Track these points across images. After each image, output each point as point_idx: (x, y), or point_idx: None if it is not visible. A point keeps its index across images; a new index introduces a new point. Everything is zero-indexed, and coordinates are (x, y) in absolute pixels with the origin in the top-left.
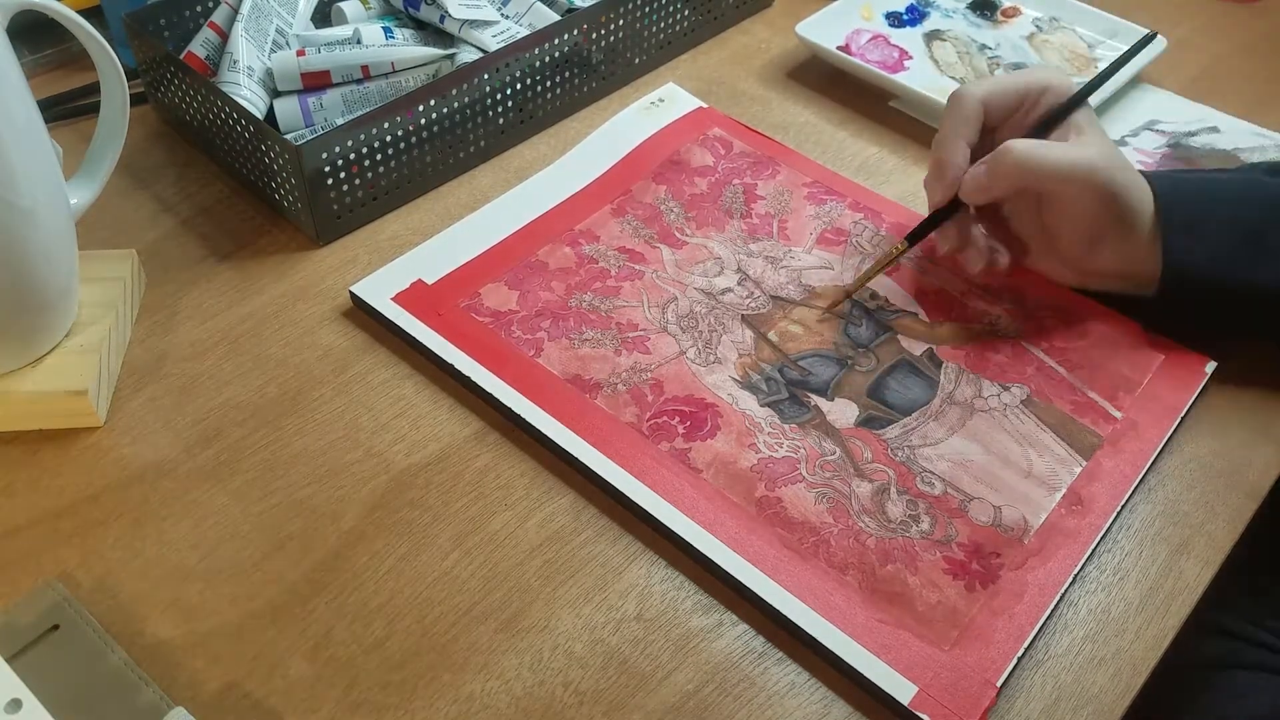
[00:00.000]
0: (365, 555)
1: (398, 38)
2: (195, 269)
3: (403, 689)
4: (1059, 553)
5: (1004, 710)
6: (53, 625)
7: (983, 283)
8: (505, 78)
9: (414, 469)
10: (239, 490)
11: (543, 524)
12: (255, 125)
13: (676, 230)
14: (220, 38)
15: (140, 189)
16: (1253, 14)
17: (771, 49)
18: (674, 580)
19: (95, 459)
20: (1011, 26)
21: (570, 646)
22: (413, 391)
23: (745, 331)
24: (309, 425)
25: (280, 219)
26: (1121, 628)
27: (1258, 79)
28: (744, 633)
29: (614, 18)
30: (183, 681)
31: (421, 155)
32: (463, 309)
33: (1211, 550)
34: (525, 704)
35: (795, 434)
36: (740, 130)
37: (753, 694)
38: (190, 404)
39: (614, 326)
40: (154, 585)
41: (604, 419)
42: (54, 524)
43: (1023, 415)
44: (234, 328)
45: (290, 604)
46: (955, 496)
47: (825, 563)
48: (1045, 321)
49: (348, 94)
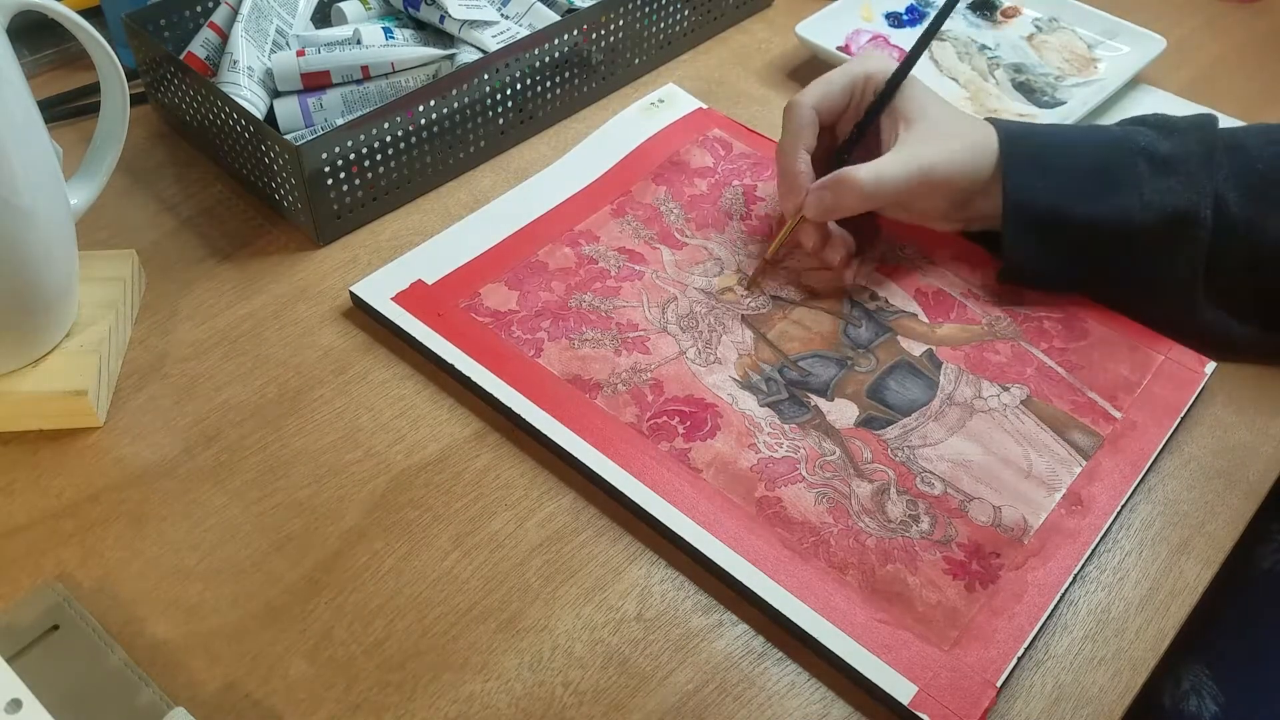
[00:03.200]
0: (365, 555)
1: (398, 38)
2: (195, 269)
3: (403, 689)
4: (1059, 553)
5: (1004, 710)
6: (53, 625)
7: (982, 283)
8: (505, 78)
9: (414, 469)
10: (239, 490)
11: (543, 524)
12: (255, 125)
13: (676, 231)
14: (220, 38)
15: (140, 189)
16: (1253, 14)
17: (771, 49)
18: (674, 580)
19: (95, 459)
20: (1011, 27)
21: (570, 646)
22: (413, 391)
23: (745, 331)
24: (309, 425)
25: (280, 219)
26: (1121, 628)
27: (1258, 79)
28: (744, 633)
29: (614, 18)
30: (182, 681)
31: (421, 155)
32: (463, 309)
33: (1211, 550)
34: (525, 704)
35: (795, 434)
36: (740, 131)
37: (753, 694)
38: (190, 404)
39: (614, 327)
40: (154, 585)
41: (604, 419)
42: (54, 524)
43: (1022, 415)
44: (234, 328)
45: (290, 604)
46: (955, 496)
47: (825, 563)
48: (1045, 322)
49: (348, 94)
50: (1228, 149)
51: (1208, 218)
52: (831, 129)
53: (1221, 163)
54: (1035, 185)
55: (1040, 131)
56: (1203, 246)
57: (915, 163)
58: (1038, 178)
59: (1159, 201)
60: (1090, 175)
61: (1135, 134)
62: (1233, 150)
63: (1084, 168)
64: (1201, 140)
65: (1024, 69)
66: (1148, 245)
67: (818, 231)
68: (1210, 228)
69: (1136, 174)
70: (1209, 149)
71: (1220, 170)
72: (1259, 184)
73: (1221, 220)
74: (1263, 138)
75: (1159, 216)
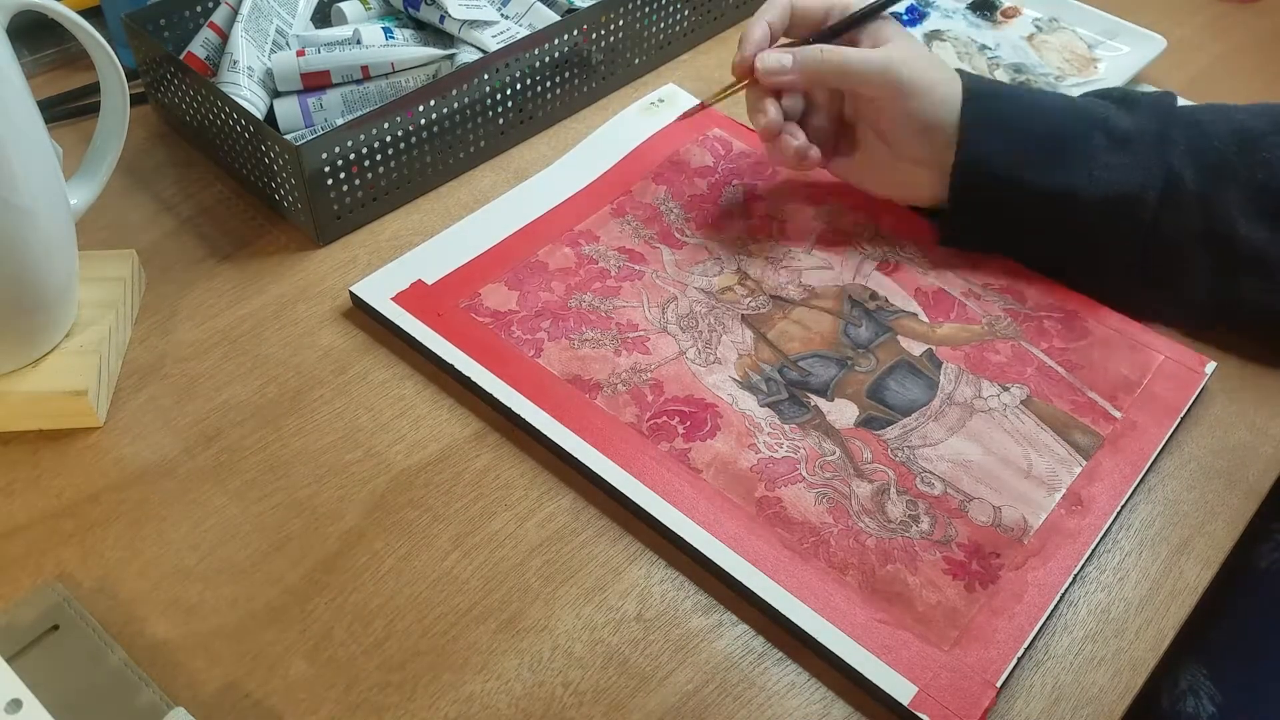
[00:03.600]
0: (365, 555)
1: (398, 38)
2: (195, 269)
3: (403, 689)
4: (1059, 553)
5: (1004, 710)
6: (53, 625)
7: (982, 283)
8: (505, 78)
9: (414, 469)
10: (239, 490)
11: (543, 524)
12: (255, 125)
13: (676, 231)
14: (220, 38)
15: (140, 189)
16: (1253, 14)
17: None
18: (674, 580)
19: (95, 459)
20: (1011, 27)
21: (570, 646)
22: (413, 391)
23: (745, 331)
24: (309, 425)
25: (280, 219)
26: (1121, 628)
27: (1258, 79)
28: (744, 633)
29: (614, 18)
30: (182, 681)
31: (421, 155)
32: (463, 309)
33: (1211, 550)
34: (525, 704)
35: (795, 434)
36: (740, 131)
37: (753, 694)
38: (190, 404)
39: (614, 327)
40: (154, 585)
41: (604, 419)
42: (54, 524)
43: (1022, 415)
44: (234, 328)
45: (290, 604)
46: (955, 497)
47: (825, 563)
48: (1045, 321)
49: (348, 94)
50: (1184, 125)
51: (1152, 199)
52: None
53: (1177, 140)
54: (991, 146)
55: (1004, 92)
56: (1144, 227)
57: (883, 58)
58: (994, 138)
59: (1106, 178)
60: (1046, 142)
61: (1096, 106)
62: (1189, 126)
63: (1041, 134)
64: (1157, 116)
65: (1024, 69)
66: (1090, 222)
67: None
68: (1155, 209)
69: (1091, 147)
70: (1165, 125)
71: (1176, 147)
72: (1214, 161)
73: (1175, 195)
74: (1219, 114)
75: (1104, 195)
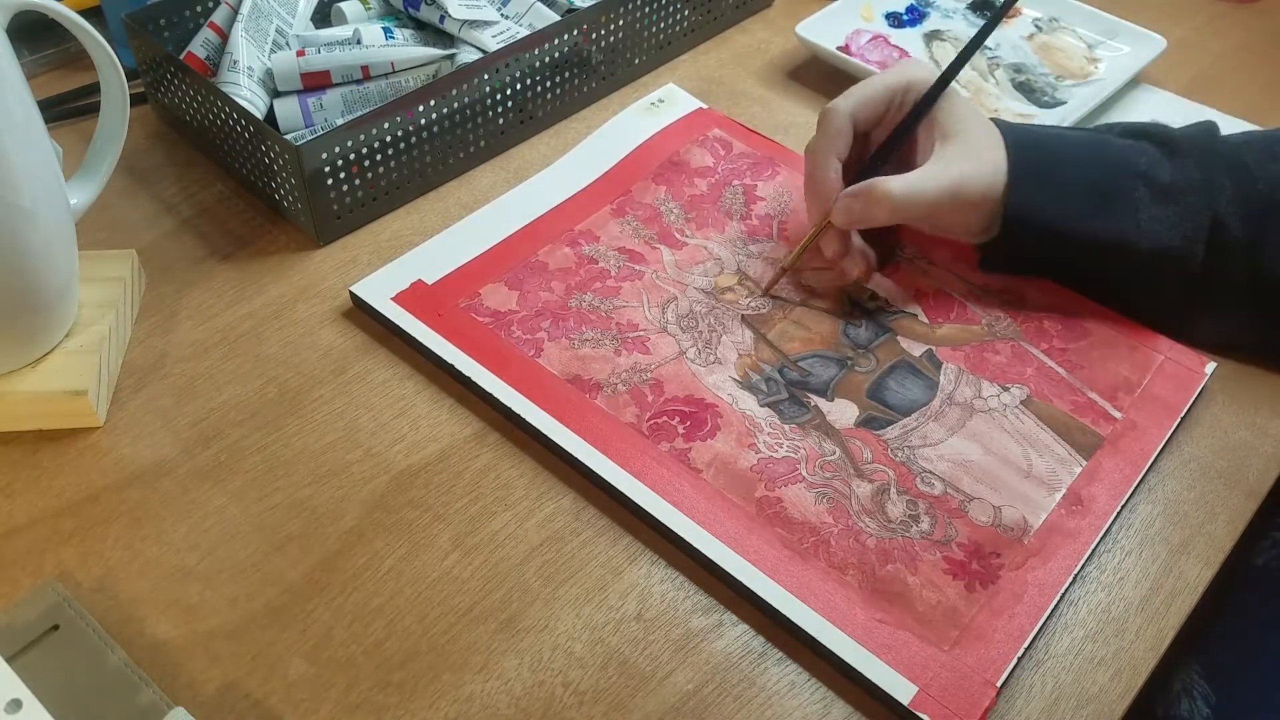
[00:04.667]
0: (365, 555)
1: (398, 38)
2: (195, 269)
3: (403, 689)
4: (1059, 553)
5: (1004, 710)
6: (53, 625)
7: (981, 284)
8: (505, 78)
9: (414, 469)
10: (239, 490)
11: (543, 524)
12: (255, 125)
13: (676, 231)
14: (220, 38)
15: (140, 189)
16: (1253, 14)
17: (771, 49)
18: (674, 580)
19: (95, 459)
20: (1011, 27)
21: (570, 646)
22: (413, 391)
23: (745, 332)
24: (309, 425)
25: (280, 219)
26: (1121, 628)
27: (1258, 79)
28: (744, 633)
29: (614, 18)
30: (183, 681)
31: (421, 155)
32: (463, 309)
33: (1211, 550)
34: (525, 704)
35: (795, 434)
36: (740, 131)
37: (753, 694)
38: (190, 404)
39: (614, 327)
40: (154, 585)
41: (604, 419)
42: (54, 524)
43: (1022, 415)
44: (234, 328)
45: (290, 604)
46: (955, 496)
47: (825, 563)
48: (1045, 321)
49: (348, 94)
50: (1229, 168)
51: (1199, 252)
52: (866, 137)
53: (1223, 185)
54: (1035, 201)
55: (1045, 145)
56: (1193, 276)
57: (949, 178)
58: (1038, 193)
59: (1154, 230)
60: (1089, 194)
61: (1137, 155)
62: (1234, 169)
63: (1084, 188)
64: (1202, 164)
65: (1024, 69)
66: (1139, 266)
67: (840, 240)
68: (1201, 260)
69: (1135, 199)
70: (1209, 172)
71: (1221, 194)
72: (1260, 205)
73: (1220, 243)
74: (1265, 153)
75: (1153, 245)
